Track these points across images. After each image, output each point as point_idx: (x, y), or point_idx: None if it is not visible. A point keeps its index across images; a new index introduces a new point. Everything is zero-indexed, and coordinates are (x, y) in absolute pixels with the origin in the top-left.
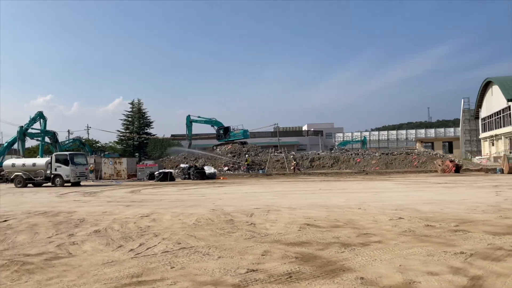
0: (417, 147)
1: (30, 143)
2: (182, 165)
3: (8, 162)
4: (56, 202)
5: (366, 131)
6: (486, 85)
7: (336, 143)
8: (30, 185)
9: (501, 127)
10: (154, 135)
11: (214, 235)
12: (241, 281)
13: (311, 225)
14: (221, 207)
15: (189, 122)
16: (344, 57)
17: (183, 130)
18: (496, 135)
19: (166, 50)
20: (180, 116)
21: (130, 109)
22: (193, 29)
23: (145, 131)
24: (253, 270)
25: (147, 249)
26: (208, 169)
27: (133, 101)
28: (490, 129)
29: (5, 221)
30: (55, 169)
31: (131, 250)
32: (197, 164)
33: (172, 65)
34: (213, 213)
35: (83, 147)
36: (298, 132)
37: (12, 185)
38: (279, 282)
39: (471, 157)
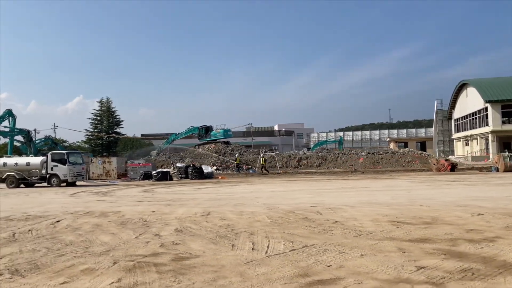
0: (391, 147)
1: None
2: (178, 165)
3: None
4: (82, 202)
5: (330, 131)
6: (460, 87)
7: (312, 143)
8: (22, 185)
9: (476, 127)
10: (123, 134)
11: (314, 232)
12: (428, 278)
13: (401, 222)
14: (274, 206)
15: (172, 139)
16: (306, 59)
17: (149, 130)
18: (471, 135)
19: (126, 48)
20: (143, 115)
21: (99, 108)
22: (155, 26)
23: (115, 130)
24: (422, 267)
25: (267, 247)
26: (206, 169)
27: (102, 99)
28: (464, 129)
29: (58, 221)
30: (51, 169)
31: (253, 249)
32: (184, 164)
33: (133, 63)
34: (275, 211)
35: (55, 146)
36: (270, 132)
37: (3, 185)
38: (471, 279)
39: (444, 157)
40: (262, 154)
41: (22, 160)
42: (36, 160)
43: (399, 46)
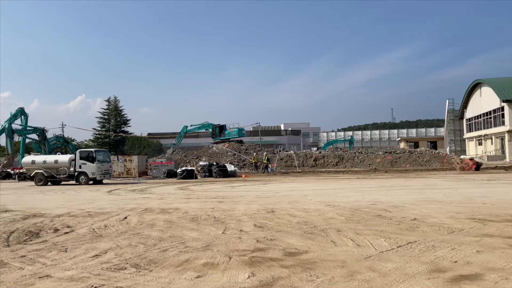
0: (402, 146)
1: None
2: (201, 163)
3: (27, 159)
4: (128, 200)
5: (333, 131)
6: (474, 87)
7: (322, 143)
8: (49, 183)
9: (491, 127)
10: (131, 133)
11: (402, 229)
12: None
13: (483, 220)
14: (332, 203)
15: (184, 132)
16: (306, 58)
17: (151, 129)
18: (485, 135)
19: (127, 47)
20: (144, 115)
21: (106, 107)
22: (156, 25)
23: (122, 129)
24: None
25: (370, 243)
26: (229, 167)
27: (109, 98)
28: (477, 129)
29: (125, 217)
30: (80, 167)
31: (358, 245)
32: (206, 162)
33: (134, 63)
34: (339, 209)
35: (67, 145)
36: (276, 132)
37: (31, 183)
38: None
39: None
40: (266, 153)
41: (50, 158)
42: (64, 158)
43: (400, 46)
